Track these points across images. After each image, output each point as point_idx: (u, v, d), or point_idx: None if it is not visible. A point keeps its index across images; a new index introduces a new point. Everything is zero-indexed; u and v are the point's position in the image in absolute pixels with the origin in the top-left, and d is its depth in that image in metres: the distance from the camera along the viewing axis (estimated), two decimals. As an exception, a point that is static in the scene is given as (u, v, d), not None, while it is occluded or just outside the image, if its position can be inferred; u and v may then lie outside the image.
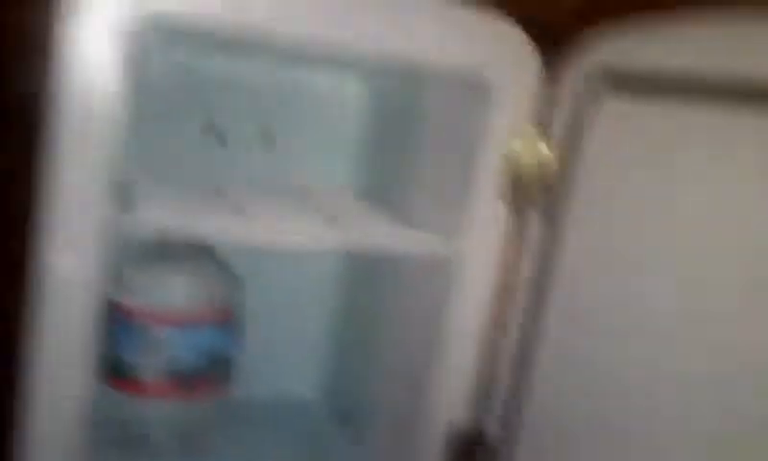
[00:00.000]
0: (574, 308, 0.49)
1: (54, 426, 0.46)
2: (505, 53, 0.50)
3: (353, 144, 0.73)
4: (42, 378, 0.45)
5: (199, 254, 0.61)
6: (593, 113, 0.48)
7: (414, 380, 0.59)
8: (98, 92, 0.42)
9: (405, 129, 0.64)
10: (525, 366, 0.53)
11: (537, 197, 0.52)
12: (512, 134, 0.51)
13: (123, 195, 0.49)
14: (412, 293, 0.61)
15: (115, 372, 0.60)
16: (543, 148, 0.51)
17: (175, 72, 0.64)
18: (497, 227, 0.54)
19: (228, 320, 0.63)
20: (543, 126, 0.51)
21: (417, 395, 0.59)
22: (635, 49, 0.45)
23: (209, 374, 0.62)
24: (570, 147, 0.50)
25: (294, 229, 0.52)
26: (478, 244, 0.54)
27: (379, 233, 0.57)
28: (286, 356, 0.76)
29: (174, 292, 0.60)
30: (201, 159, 0.68)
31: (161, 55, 0.58)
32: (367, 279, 0.72)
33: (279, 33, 0.45)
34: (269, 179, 0.70)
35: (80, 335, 0.46)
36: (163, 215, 0.48)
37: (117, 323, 0.59)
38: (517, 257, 0.54)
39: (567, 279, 0.50)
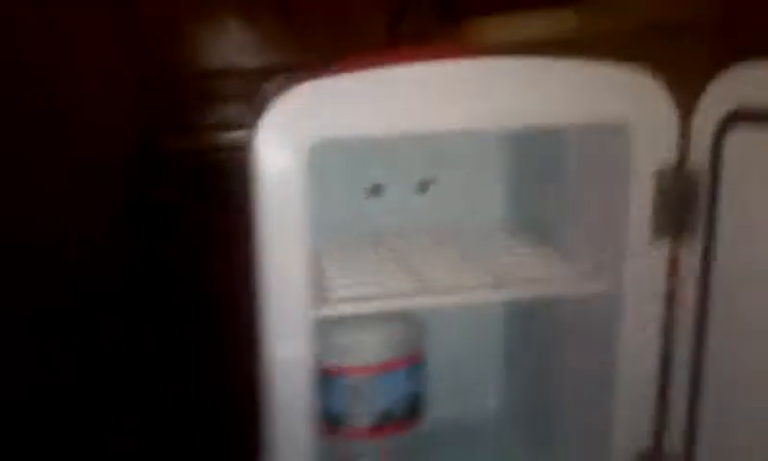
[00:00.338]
0: (733, 321, 0.52)
1: None
2: (644, 99, 0.54)
3: (502, 183, 0.79)
4: (278, 436, 0.56)
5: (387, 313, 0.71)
6: (726, 144, 0.50)
7: (594, 404, 0.63)
8: (290, 198, 0.52)
9: (552, 168, 0.69)
10: (696, 383, 0.56)
11: (686, 223, 0.55)
12: (656, 168, 0.55)
13: (318, 283, 0.59)
14: (581, 325, 0.65)
15: (330, 423, 0.71)
16: (686, 177, 0.54)
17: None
18: (655, 256, 0.57)
19: (416, 362, 0.72)
20: (684, 157, 0.54)
21: (598, 417, 0.63)
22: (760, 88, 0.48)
23: (406, 410, 0.71)
24: (710, 174, 0.52)
25: (467, 295, 0.59)
26: (639, 274, 0.57)
27: (542, 283, 0.61)
28: (468, 384, 0.84)
29: (370, 349, 0.69)
30: (365, 212, 0.78)
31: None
32: (536, 311, 0.77)
33: (429, 131, 0.53)
34: (426, 222, 0.77)
35: (301, 398, 0.56)
36: (355, 296, 0.57)
37: (327, 382, 0.70)
38: (677, 282, 0.57)
39: (723, 296, 0.52)
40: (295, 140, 0.51)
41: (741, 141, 0.50)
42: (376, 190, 0.78)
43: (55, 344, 1.16)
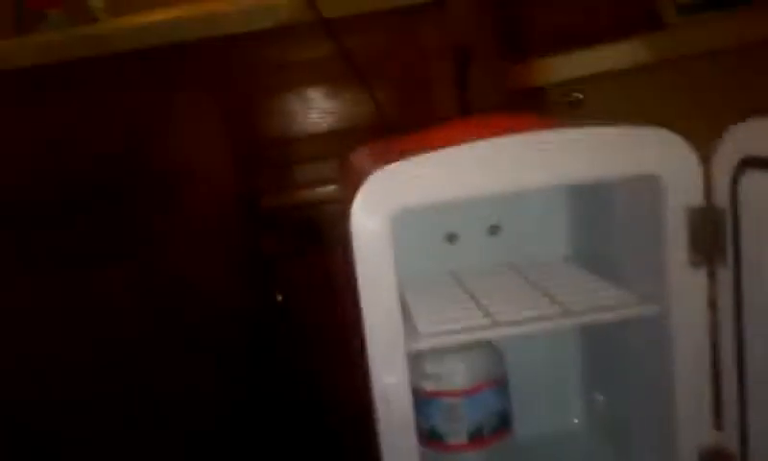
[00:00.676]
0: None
1: None
2: (670, 153, 0.65)
3: (565, 227, 0.92)
4: (387, 449, 0.69)
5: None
6: (741, 187, 0.61)
7: (661, 410, 0.73)
8: (380, 254, 0.65)
9: (606, 213, 0.80)
10: (742, 388, 0.65)
11: (716, 256, 0.65)
12: (686, 208, 0.65)
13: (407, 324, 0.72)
14: (640, 344, 0.76)
15: (431, 438, 0.83)
16: (711, 215, 0.64)
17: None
18: (693, 283, 0.67)
19: (500, 382, 0.84)
20: (708, 198, 0.64)
21: (666, 422, 0.72)
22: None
23: (495, 426, 0.83)
24: (731, 212, 0.62)
25: (536, 325, 0.70)
26: (681, 300, 0.68)
27: (603, 309, 0.72)
28: (548, 398, 0.95)
29: (461, 374, 0.82)
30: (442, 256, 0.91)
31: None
32: (602, 335, 0.88)
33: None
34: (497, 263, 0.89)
35: (404, 417, 0.68)
36: (437, 332, 0.70)
37: (427, 404, 0.83)
38: (715, 306, 0.67)
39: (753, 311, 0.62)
40: (383, 209, 0.64)
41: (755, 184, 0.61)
42: (452, 238, 0.91)
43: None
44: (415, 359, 0.84)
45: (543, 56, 1.47)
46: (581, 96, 1.46)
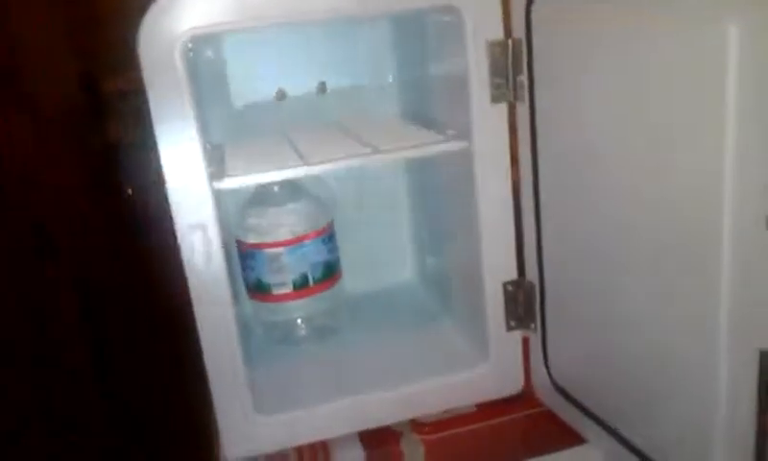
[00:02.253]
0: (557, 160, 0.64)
1: (219, 333, 0.69)
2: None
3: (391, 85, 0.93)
4: (201, 301, 0.68)
5: (293, 190, 0.83)
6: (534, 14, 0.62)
7: (472, 249, 0.76)
8: (173, 92, 0.61)
9: (422, 61, 0.81)
10: (539, 227, 0.69)
11: (517, 89, 0.66)
12: (486, 42, 0.66)
13: (216, 161, 0.70)
14: (453, 182, 0.78)
15: (258, 289, 0.83)
16: (511, 46, 0.65)
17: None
18: (497, 119, 0.69)
19: (325, 233, 0.84)
20: (508, 30, 0.65)
21: (476, 261, 0.75)
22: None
23: (320, 275, 0.84)
24: (525, 43, 0.64)
25: (345, 162, 0.69)
26: (486, 136, 0.69)
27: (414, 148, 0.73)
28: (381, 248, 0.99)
29: (282, 226, 0.82)
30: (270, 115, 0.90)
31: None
32: (423, 178, 0.91)
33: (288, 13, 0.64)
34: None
35: (220, 268, 0.67)
36: (245, 171, 0.68)
37: (251, 255, 0.82)
38: (516, 142, 0.69)
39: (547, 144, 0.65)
40: (170, 36, 0.61)
41: (547, 10, 0.61)
42: (281, 96, 0.89)
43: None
44: (240, 213, 0.83)
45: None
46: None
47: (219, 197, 0.66)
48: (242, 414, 0.70)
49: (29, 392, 1.36)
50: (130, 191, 1.36)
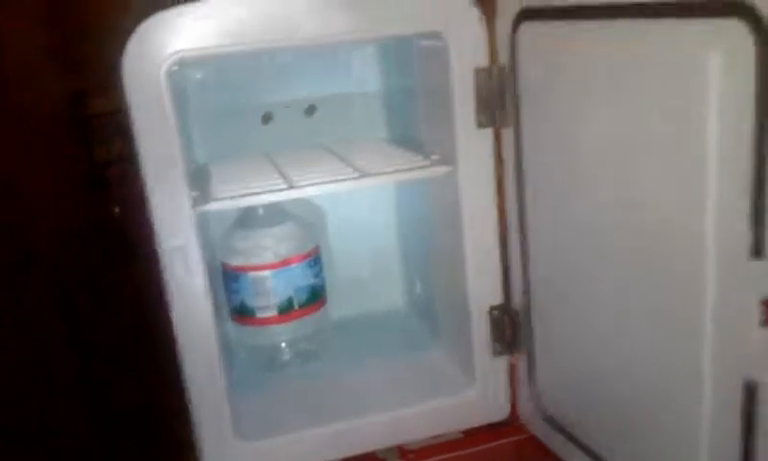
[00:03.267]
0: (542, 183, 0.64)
1: (200, 356, 0.68)
2: (453, 14, 0.65)
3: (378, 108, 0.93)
4: (183, 323, 0.67)
5: (279, 213, 0.82)
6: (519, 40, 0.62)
7: (458, 273, 0.75)
8: (157, 114, 0.61)
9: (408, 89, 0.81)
10: (525, 252, 0.68)
11: (502, 114, 0.66)
12: (472, 68, 0.66)
13: (201, 183, 0.70)
14: (439, 206, 0.77)
15: (241, 313, 0.82)
16: (496, 72, 0.65)
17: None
18: (482, 144, 0.68)
19: (309, 256, 0.83)
20: (493, 55, 0.65)
21: (462, 285, 0.75)
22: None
23: (305, 300, 0.83)
24: (510, 69, 0.64)
25: (330, 187, 0.69)
26: (471, 161, 0.69)
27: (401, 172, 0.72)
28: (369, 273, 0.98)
29: (268, 248, 0.81)
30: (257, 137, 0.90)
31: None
32: (410, 202, 0.90)
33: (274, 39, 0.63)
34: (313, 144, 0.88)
35: (202, 290, 0.67)
36: (232, 194, 0.68)
37: (235, 278, 0.81)
38: (502, 167, 0.69)
39: (533, 176, 0.65)
40: (157, 58, 0.60)
41: (532, 37, 0.61)
42: (267, 119, 0.89)
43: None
44: (225, 235, 0.83)
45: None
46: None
47: (204, 219, 0.65)
48: (223, 440, 0.69)
49: (11, 404, 1.33)
50: (117, 210, 1.35)
